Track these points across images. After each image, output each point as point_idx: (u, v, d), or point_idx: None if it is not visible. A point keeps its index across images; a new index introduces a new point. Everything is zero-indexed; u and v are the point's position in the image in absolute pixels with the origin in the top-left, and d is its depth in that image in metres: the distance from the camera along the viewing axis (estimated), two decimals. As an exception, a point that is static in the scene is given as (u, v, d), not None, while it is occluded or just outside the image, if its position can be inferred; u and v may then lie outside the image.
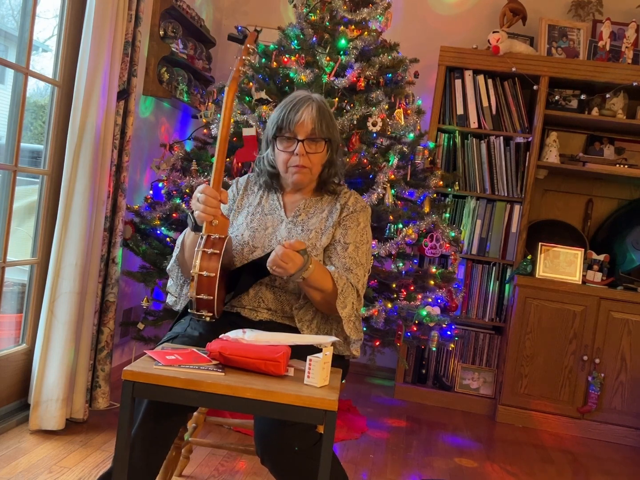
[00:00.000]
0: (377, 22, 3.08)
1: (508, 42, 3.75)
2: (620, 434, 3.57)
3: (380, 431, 3.21)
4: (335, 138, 1.93)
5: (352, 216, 1.93)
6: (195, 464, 2.50)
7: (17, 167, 2.54)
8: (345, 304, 1.79)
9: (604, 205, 4.06)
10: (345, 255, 1.87)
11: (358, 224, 1.93)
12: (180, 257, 1.92)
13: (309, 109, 1.87)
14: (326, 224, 1.92)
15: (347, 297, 1.80)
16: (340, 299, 1.77)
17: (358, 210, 1.95)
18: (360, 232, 1.92)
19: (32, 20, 2.50)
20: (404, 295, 2.98)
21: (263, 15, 4.28)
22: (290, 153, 1.88)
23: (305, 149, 1.86)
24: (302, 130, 1.86)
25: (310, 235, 1.89)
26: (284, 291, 1.87)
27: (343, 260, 1.86)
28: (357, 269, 1.86)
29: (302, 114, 1.86)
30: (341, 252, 1.87)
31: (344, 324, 1.80)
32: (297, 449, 1.61)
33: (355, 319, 1.84)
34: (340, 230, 1.91)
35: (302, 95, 1.92)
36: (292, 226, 1.92)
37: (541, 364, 3.64)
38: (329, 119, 1.90)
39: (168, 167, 3.07)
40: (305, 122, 1.85)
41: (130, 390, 1.46)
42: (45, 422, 2.56)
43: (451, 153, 3.90)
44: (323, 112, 1.89)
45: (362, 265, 1.89)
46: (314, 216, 1.94)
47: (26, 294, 2.76)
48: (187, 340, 1.76)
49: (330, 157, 1.94)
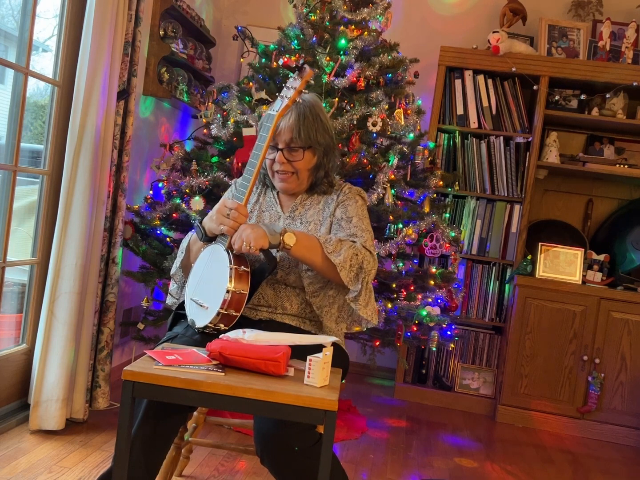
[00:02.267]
0: (377, 22, 3.08)
1: (508, 42, 3.75)
2: (620, 434, 3.57)
3: (380, 431, 3.21)
4: (322, 142, 1.90)
5: (349, 197, 1.95)
6: (195, 464, 2.50)
7: (17, 167, 2.54)
8: (339, 253, 1.76)
9: (604, 205, 4.06)
10: (350, 226, 1.88)
11: (356, 201, 1.95)
12: (185, 262, 1.94)
13: (286, 118, 1.85)
14: (323, 214, 1.94)
15: (342, 248, 1.77)
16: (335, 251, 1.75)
17: (354, 192, 1.98)
18: (360, 207, 1.95)
19: (32, 20, 2.50)
20: (404, 295, 2.98)
21: (263, 15, 4.28)
22: (273, 160, 1.90)
23: (285, 156, 1.87)
24: (281, 139, 1.87)
25: (310, 227, 1.92)
26: (285, 286, 1.88)
27: (348, 231, 1.87)
28: (362, 233, 1.87)
29: (280, 123, 1.85)
30: (345, 225, 1.89)
31: (340, 272, 1.74)
32: (297, 449, 1.61)
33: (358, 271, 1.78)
34: (340, 209, 1.92)
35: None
36: (290, 221, 1.94)
37: (541, 364, 3.64)
38: (311, 124, 1.87)
39: (168, 167, 3.07)
40: (283, 131, 1.86)
41: (130, 390, 1.46)
42: (45, 422, 2.56)
43: (451, 153, 3.90)
44: (304, 119, 1.86)
45: (368, 231, 1.89)
46: (310, 208, 1.96)
47: (26, 294, 2.76)
48: (187, 340, 1.76)
49: (317, 161, 1.92)
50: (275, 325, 1.85)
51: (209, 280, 1.78)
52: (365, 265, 1.79)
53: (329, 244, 1.77)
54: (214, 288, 1.74)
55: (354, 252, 1.78)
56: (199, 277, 1.83)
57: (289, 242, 1.72)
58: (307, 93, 1.93)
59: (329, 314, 1.88)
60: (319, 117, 1.91)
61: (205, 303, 1.75)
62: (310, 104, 1.91)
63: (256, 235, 1.69)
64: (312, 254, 1.76)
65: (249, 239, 1.68)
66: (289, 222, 1.94)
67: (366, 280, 1.80)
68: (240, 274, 1.73)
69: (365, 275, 1.80)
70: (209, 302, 1.73)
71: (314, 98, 1.96)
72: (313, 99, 1.95)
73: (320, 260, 1.76)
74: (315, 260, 1.77)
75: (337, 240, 1.79)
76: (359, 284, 1.78)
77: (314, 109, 1.91)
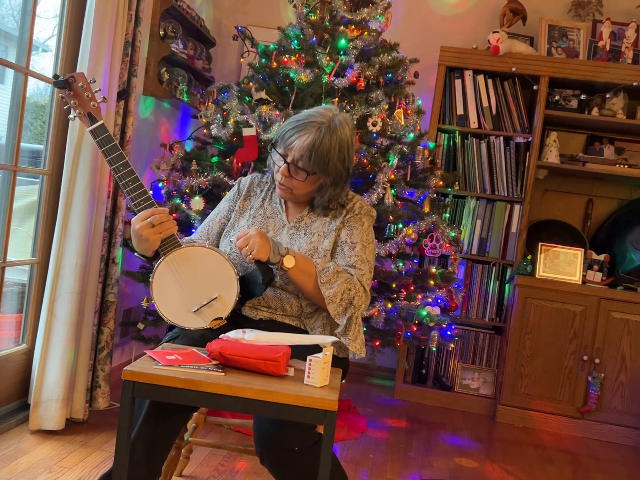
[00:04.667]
0: (377, 22, 3.08)
1: (508, 42, 3.75)
2: (620, 434, 3.57)
3: (380, 431, 3.21)
4: (332, 172, 1.83)
5: (356, 217, 1.92)
6: (195, 464, 2.50)
7: (17, 167, 2.54)
8: (332, 285, 1.76)
9: (604, 205, 4.06)
10: (352, 254, 1.86)
11: (362, 224, 1.92)
12: None
13: (304, 137, 1.80)
14: (329, 227, 1.91)
15: (336, 282, 1.77)
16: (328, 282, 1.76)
17: (363, 214, 1.93)
18: (365, 231, 1.91)
19: (32, 20, 2.50)
20: (404, 295, 2.98)
21: (263, 15, 4.28)
22: (279, 168, 1.88)
23: (290, 171, 1.85)
24: (291, 153, 1.83)
25: (313, 239, 1.89)
26: (284, 291, 1.88)
27: (348, 259, 1.85)
28: (362, 265, 1.85)
29: (295, 140, 1.81)
30: (348, 252, 1.86)
31: (327, 305, 1.76)
32: (297, 449, 1.61)
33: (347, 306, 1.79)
34: (345, 231, 1.90)
35: (315, 118, 1.82)
36: (294, 231, 1.92)
37: (541, 364, 3.64)
38: (325, 152, 1.80)
39: (168, 167, 3.07)
40: (295, 148, 1.82)
41: (130, 390, 1.46)
42: (45, 422, 2.56)
43: (451, 153, 3.90)
44: (319, 145, 1.79)
45: (367, 263, 1.87)
46: (317, 220, 1.93)
47: (26, 294, 2.76)
48: (187, 341, 1.76)
49: (320, 186, 1.88)
50: (276, 325, 1.85)
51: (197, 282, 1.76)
52: (356, 301, 1.80)
53: (324, 274, 1.77)
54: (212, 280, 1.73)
55: (347, 286, 1.78)
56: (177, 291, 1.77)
57: (288, 266, 1.75)
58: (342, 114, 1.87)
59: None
60: (338, 146, 1.82)
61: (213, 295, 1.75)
62: (336, 129, 1.82)
63: (260, 248, 1.70)
64: (306, 280, 1.78)
65: (253, 246, 1.69)
66: (293, 232, 1.92)
67: (355, 315, 1.81)
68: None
69: (355, 310, 1.80)
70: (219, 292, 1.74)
71: (346, 121, 1.87)
72: (345, 122, 1.86)
73: (312, 288, 1.78)
74: (308, 287, 1.79)
75: (334, 271, 1.78)
76: (345, 318, 1.79)
77: (338, 135, 1.82)
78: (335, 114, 1.86)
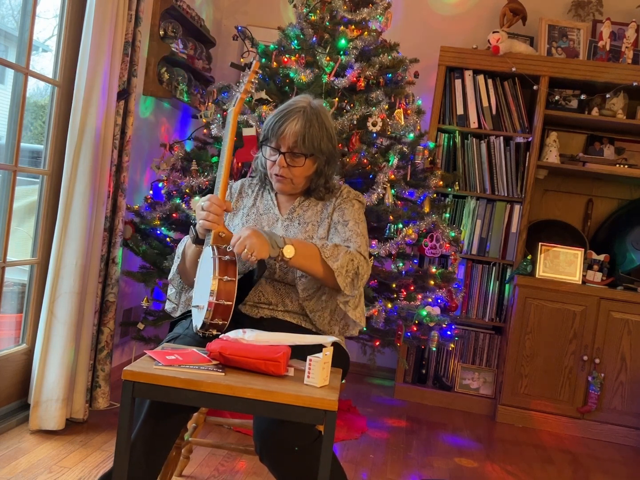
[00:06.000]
0: (377, 22, 3.08)
1: (508, 42, 3.75)
2: (620, 434, 3.57)
3: (380, 431, 3.21)
4: (325, 151, 1.90)
5: (345, 201, 1.97)
6: (195, 464, 2.50)
7: (17, 167, 2.54)
8: (337, 258, 1.77)
9: (604, 205, 4.06)
10: (346, 230, 1.90)
11: (353, 205, 1.97)
12: (181, 267, 1.94)
13: (293, 123, 1.85)
14: (322, 215, 1.95)
15: (339, 254, 1.78)
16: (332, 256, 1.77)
17: (352, 197, 1.99)
18: (357, 211, 1.96)
19: (32, 20, 2.50)
20: (404, 295, 2.98)
21: (263, 15, 4.28)
22: (273, 162, 1.90)
23: (287, 161, 1.88)
24: (285, 143, 1.87)
25: (307, 228, 1.92)
26: (284, 284, 1.89)
27: (344, 235, 1.89)
28: (357, 238, 1.88)
29: (285, 128, 1.86)
30: (341, 229, 1.90)
31: (337, 278, 1.75)
32: (297, 448, 1.61)
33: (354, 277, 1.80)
34: (337, 213, 1.94)
35: (295, 105, 1.89)
36: (288, 222, 1.95)
37: (541, 364, 3.64)
38: (316, 132, 1.86)
39: (168, 167, 3.07)
40: (288, 136, 1.85)
41: (130, 390, 1.46)
42: (45, 422, 2.56)
43: (451, 153, 3.90)
44: (310, 126, 1.85)
45: (362, 236, 1.90)
46: (309, 209, 1.97)
47: (26, 294, 2.76)
48: (187, 340, 1.76)
49: (317, 169, 1.93)
50: (277, 324, 1.85)
51: (202, 282, 1.77)
52: (360, 270, 1.81)
53: (326, 249, 1.78)
54: (205, 286, 1.72)
55: (349, 257, 1.79)
56: (197, 283, 1.82)
57: (288, 255, 1.73)
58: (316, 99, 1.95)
59: (322, 318, 1.90)
60: (324, 125, 1.90)
61: (200, 303, 1.74)
62: (318, 111, 1.90)
63: (260, 247, 1.68)
64: (311, 262, 1.77)
65: (252, 248, 1.68)
66: (287, 223, 1.94)
67: (359, 285, 1.83)
68: (226, 262, 1.70)
69: (359, 280, 1.82)
70: (203, 301, 1.72)
71: (321, 105, 1.96)
72: (321, 105, 1.95)
73: (319, 267, 1.77)
74: (314, 268, 1.78)
75: (333, 245, 1.80)
76: (354, 290, 1.81)
77: (321, 117, 1.90)
78: (310, 99, 1.94)
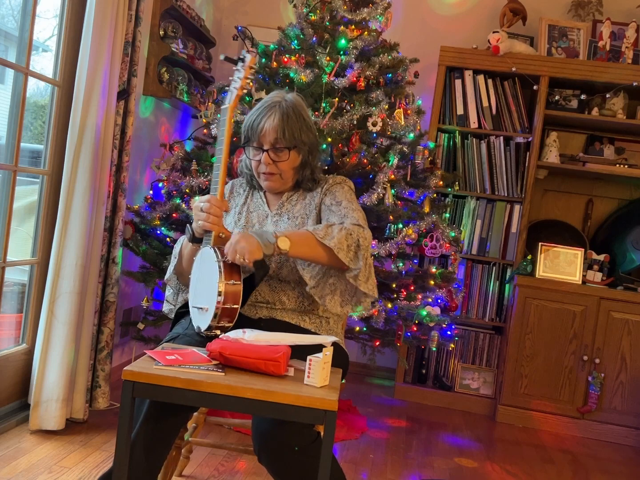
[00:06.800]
0: (377, 22, 3.08)
1: (508, 42, 3.75)
2: (620, 434, 3.57)
3: (380, 431, 3.21)
4: (307, 141, 1.91)
5: (334, 185, 1.98)
6: (195, 464, 2.50)
7: (17, 167, 2.54)
8: (332, 236, 1.74)
9: (604, 205, 4.06)
10: (341, 208, 1.89)
11: (342, 188, 1.98)
12: (178, 267, 1.94)
13: (271, 119, 1.86)
14: (309, 207, 1.96)
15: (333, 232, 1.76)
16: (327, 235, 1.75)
17: (338, 181, 2.00)
18: (347, 192, 1.97)
19: (32, 20, 2.50)
20: (404, 295, 2.98)
21: (263, 15, 4.28)
22: (259, 161, 1.91)
23: (271, 157, 1.89)
24: (266, 140, 1.88)
25: (297, 222, 1.93)
26: (279, 281, 1.89)
27: (339, 214, 1.88)
28: (353, 213, 1.87)
29: (264, 125, 1.87)
30: (336, 209, 1.90)
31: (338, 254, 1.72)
32: (297, 448, 1.61)
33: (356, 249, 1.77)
34: (327, 198, 1.94)
35: (270, 102, 1.90)
36: (277, 218, 1.96)
37: (541, 364, 3.64)
38: (295, 124, 1.88)
39: (168, 167, 3.07)
40: (268, 132, 1.87)
41: (130, 390, 1.46)
42: (45, 422, 2.56)
43: (451, 153, 3.89)
44: (287, 119, 1.87)
45: (358, 211, 1.90)
46: (297, 204, 1.98)
47: (26, 294, 2.76)
48: (187, 340, 1.76)
49: (302, 160, 1.94)
50: (276, 324, 1.85)
51: (203, 283, 1.77)
52: (361, 242, 1.77)
53: (318, 230, 1.75)
54: (208, 288, 1.73)
55: (346, 232, 1.76)
56: (195, 283, 1.82)
57: (284, 247, 1.70)
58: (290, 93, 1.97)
59: (333, 301, 1.83)
60: (302, 116, 1.92)
61: (204, 305, 1.74)
62: (293, 104, 1.91)
63: (250, 248, 1.66)
64: (309, 248, 1.74)
65: (242, 252, 1.66)
66: (276, 218, 1.95)
67: (365, 256, 1.78)
68: (230, 266, 1.70)
69: (364, 251, 1.78)
70: (208, 303, 1.72)
71: (296, 98, 1.96)
72: (295, 98, 1.95)
73: (320, 250, 1.74)
74: (315, 252, 1.74)
75: (325, 225, 1.78)
76: (360, 261, 1.77)
77: (297, 109, 1.91)
78: (284, 94, 1.96)
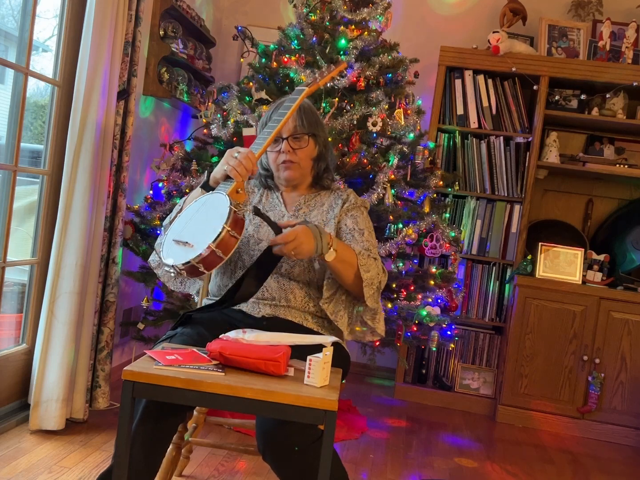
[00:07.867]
0: (377, 22, 3.08)
1: (508, 42, 3.75)
2: (620, 434, 3.57)
3: (380, 431, 3.21)
4: (321, 134, 2.01)
5: (356, 207, 2.03)
6: (195, 464, 2.50)
7: (17, 167, 2.54)
8: (368, 269, 1.84)
9: (604, 205, 4.06)
10: (364, 239, 1.96)
11: (362, 213, 2.04)
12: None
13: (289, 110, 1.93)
14: (327, 216, 1.99)
15: (371, 266, 1.85)
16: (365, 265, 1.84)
17: (359, 205, 2.05)
18: (366, 219, 2.04)
19: (32, 20, 2.50)
20: (404, 295, 2.98)
21: (263, 15, 4.28)
22: (278, 152, 1.96)
23: (291, 145, 1.95)
24: (285, 128, 1.94)
25: None
26: (289, 279, 1.90)
27: (362, 244, 1.94)
28: (373, 249, 1.96)
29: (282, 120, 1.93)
30: (359, 237, 1.96)
31: (365, 288, 1.82)
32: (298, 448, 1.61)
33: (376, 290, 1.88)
34: (350, 220, 1.99)
35: (284, 99, 1.99)
36: (294, 220, 1.95)
37: (541, 364, 3.64)
38: (311, 116, 1.99)
39: (168, 167, 3.07)
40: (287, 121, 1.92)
41: (130, 390, 1.46)
42: (45, 422, 2.56)
43: (451, 153, 3.89)
44: (305, 110, 1.98)
45: (376, 247, 2.00)
46: (314, 209, 2.01)
47: (26, 294, 2.76)
48: (187, 340, 1.76)
49: (319, 152, 2.01)
50: (278, 322, 1.86)
51: (199, 223, 1.73)
52: (381, 285, 1.91)
53: (362, 257, 1.84)
54: (203, 229, 1.68)
55: (377, 270, 1.87)
56: (187, 220, 1.76)
57: (328, 259, 1.77)
58: None
59: (344, 318, 1.93)
60: (315, 113, 2.04)
61: (191, 241, 1.68)
62: (307, 103, 2.03)
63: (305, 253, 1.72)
64: (345, 267, 1.82)
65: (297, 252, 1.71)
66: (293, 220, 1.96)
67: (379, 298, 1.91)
68: (237, 219, 1.68)
69: (379, 295, 1.91)
70: (195, 241, 1.67)
71: (307, 101, 2.06)
72: (306, 101, 2.05)
73: (351, 274, 1.83)
74: (346, 273, 1.83)
75: (367, 255, 1.86)
76: (377, 303, 1.89)
77: (311, 107, 2.04)
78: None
